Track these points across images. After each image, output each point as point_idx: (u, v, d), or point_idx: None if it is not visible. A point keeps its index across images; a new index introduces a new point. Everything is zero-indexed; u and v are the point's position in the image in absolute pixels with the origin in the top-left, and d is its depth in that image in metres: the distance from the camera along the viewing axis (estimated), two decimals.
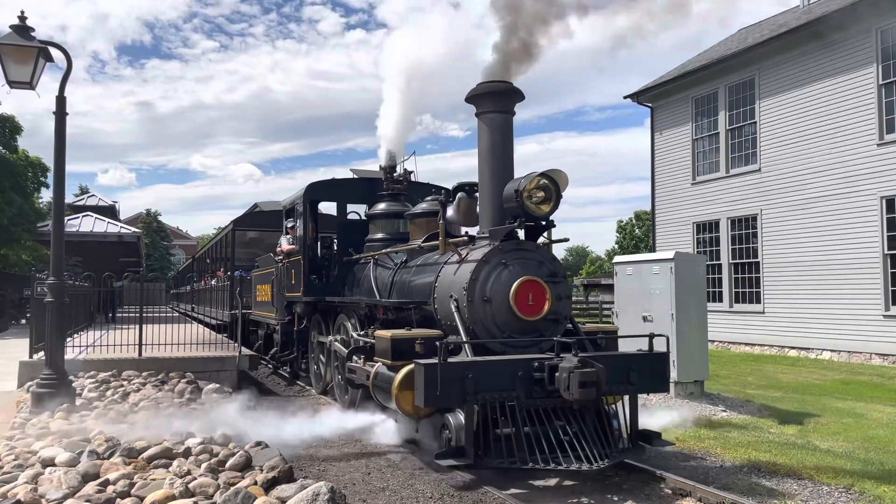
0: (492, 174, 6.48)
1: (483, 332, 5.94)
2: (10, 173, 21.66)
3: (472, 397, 5.10)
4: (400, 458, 6.36)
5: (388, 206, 9.36)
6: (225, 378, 9.64)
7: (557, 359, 5.32)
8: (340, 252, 10.05)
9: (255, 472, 4.81)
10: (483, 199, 6.59)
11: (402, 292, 7.56)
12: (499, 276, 5.98)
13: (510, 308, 5.87)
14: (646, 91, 20.09)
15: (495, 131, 6.52)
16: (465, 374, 5.10)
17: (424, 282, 6.99)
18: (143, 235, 31.11)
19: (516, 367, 5.34)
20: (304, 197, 10.03)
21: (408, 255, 7.94)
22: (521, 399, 5.29)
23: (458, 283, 6.13)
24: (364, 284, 8.80)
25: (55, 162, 7.28)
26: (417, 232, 8.12)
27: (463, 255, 6.33)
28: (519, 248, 6.18)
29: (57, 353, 7.26)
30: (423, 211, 8.16)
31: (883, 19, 13.95)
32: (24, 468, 4.87)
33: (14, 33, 6.95)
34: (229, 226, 17.24)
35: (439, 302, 6.49)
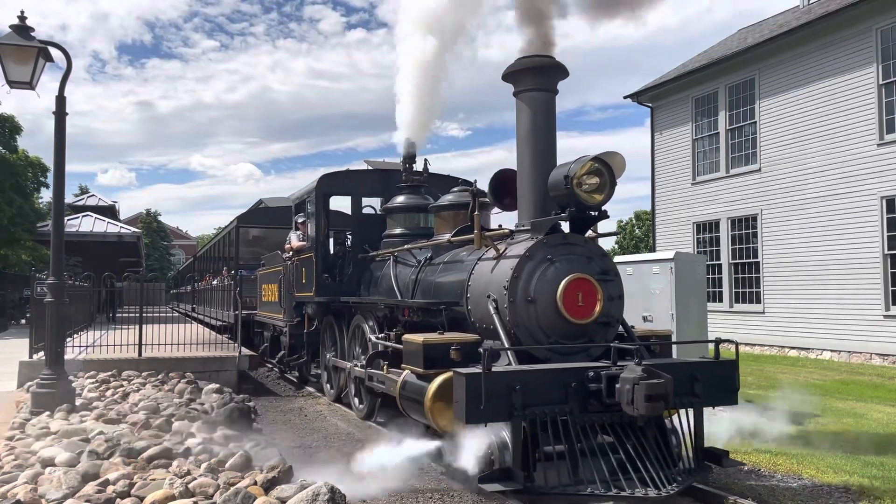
0: (533, 160, 5.76)
1: (526, 336, 5.26)
2: (9, 173, 21.67)
3: (520, 412, 4.41)
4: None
5: (407, 198, 8.72)
6: (225, 378, 9.64)
7: (616, 368, 4.68)
8: (355, 249, 9.41)
9: (255, 472, 4.80)
10: (523, 187, 5.88)
11: (427, 292, 7.00)
12: (544, 274, 5.29)
13: (557, 309, 5.19)
14: (646, 91, 20.09)
15: (537, 112, 5.78)
16: (512, 385, 4.40)
17: (455, 280, 6.40)
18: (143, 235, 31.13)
19: (569, 377, 4.66)
20: (316, 189, 9.33)
21: (433, 252, 7.37)
22: (576, 414, 4.61)
23: (497, 281, 5.50)
24: (383, 284, 8.23)
25: (55, 162, 7.28)
26: (444, 226, 7.47)
27: (501, 251, 5.69)
28: (566, 241, 5.48)
29: (57, 353, 7.26)
30: (451, 203, 7.46)
31: (883, 19, 13.95)
32: (24, 468, 4.87)
33: (14, 33, 6.95)
34: (233, 222, 16.63)
35: (473, 302, 5.90)
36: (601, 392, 4.63)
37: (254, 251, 16.53)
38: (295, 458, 5.55)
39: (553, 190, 5.44)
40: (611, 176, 5.38)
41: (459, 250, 6.83)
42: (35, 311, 10.03)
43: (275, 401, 10.00)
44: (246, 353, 10.37)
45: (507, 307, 5.29)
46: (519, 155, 5.91)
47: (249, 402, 8.37)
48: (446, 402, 4.84)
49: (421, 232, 8.41)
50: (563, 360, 5.10)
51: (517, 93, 5.91)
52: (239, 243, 16.17)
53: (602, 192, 5.37)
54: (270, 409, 9.15)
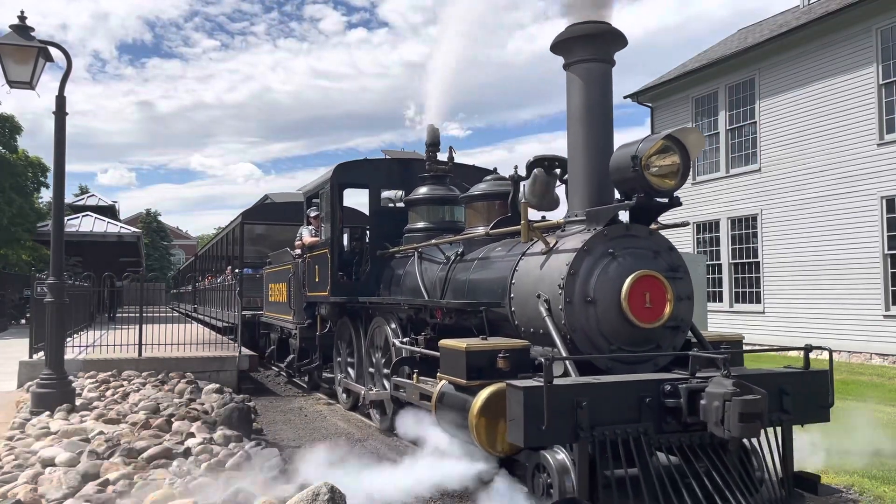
0: (587, 140, 5.05)
1: (584, 342, 4.61)
2: (9, 173, 21.69)
3: (588, 433, 3.75)
4: (400, 459, 6.36)
5: (431, 189, 8.08)
6: (225, 378, 9.64)
7: (697, 380, 4.02)
8: (373, 245, 8.72)
9: (254, 472, 4.81)
10: (575, 172, 5.16)
11: (460, 291, 6.35)
12: (605, 271, 4.62)
13: (621, 312, 4.54)
14: (646, 91, 20.09)
15: (592, 85, 5.06)
16: (578, 401, 3.77)
17: (494, 278, 5.74)
18: (143, 235, 31.12)
19: (643, 391, 4.00)
20: (331, 180, 8.64)
21: (465, 247, 6.70)
22: (651, 434, 3.93)
23: (549, 278, 4.82)
24: (406, 282, 7.58)
25: (55, 162, 7.28)
26: (477, 218, 6.84)
27: (551, 245, 5.01)
28: (628, 233, 4.81)
29: (57, 353, 7.26)
30: (485, 193, 6.83)
31: (883, 19, 13.95)
32: (24, 468, 4.86)
33: (14, 33, 6.95)
34: (237, 219, 15.83)
35: (518, 303, 5.24)
36: (680, 409, 3.96)
37: (258, 249, 15.98)
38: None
39: (616, 173, 4.71)
40: (685, 157, 4.68)
41: (495, 245, 6.23)
42: (35, 311, 10.03)
43: (275, 401, 10.00)
44: (246, 353, 10.36)
45: (562, 309, 4.62)
46: (570, 135, 5.19)
47: (249, 401, 8.37)
48: (495, 418, 4.27)
49: (447, 226, 7.85)
50: (626, 371, 4.49)
51: (568, 64, 5.20)
52: (244, 241, 15.49)
53: (674, 176, 4.67)
54: (270, 409, 9.15)
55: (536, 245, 5.24)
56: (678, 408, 3.98)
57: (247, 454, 5.18)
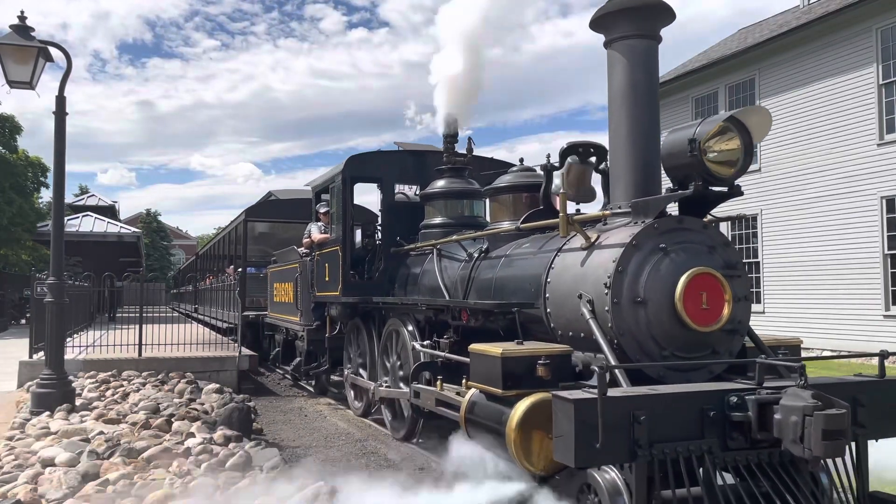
0: (631, 125, 4.63)
1: (633, 347, 4.17)
2: (9, 173, 21.70)
3: (646, 451, 3.32)
4: (400, 459, 6.36)
5: (450, 182, 7.64)
6: (225, 378, 9.64)
7: (767, 391, 3.57)
8: (387, 242, 8.22)
9: (255, 472, 4.81)
10: (618, 160, 4.71)
11: (485, 290, 5.90)
12: (657, 268, 4.19)
13: (675, 313, 4.10)
14: None
15: (636, 64, 4.65)
16: (635, 415, 3.33)
17: (526, 276, 5.27)
18: (143, 235, 31.12)
19: (706, 403, 3.55)
20: (342, 173, 8.21)
21: (489, 243, 6.26)
22: (716, 452, 3.47)
23: (593, 277, 4.38)
24: (424, 281, 7.14)
25: (55, 162, 7.28)
26: (503, 212, 6.39)
27: (592, 239, 4.54)
28: (681, 227, 4.37)
29: (57, 353, 7.26)
30: (512, 185, 6.35)
31: (883, 19, 13.95)
32: (24, 468, 4.87)
33: (14, 33, 6.95)
34: (241, 216, 15.15)
35: (555, 304, 4.77)
36: (749, 423, 3.52)
37: (261, 249, 15.57)
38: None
39: (669, 159, 4.31)
40: (747, 141, 4.24)
41: (523, 241, 5.78)
42: (35, 311, 10.03)
43: (275, 401, 10.00)
44: (246, 354, 10.35)
45: (608, 310, 4.17)
46: (612, 119, 4.76)
47: (249, 402, 8.37)
48: (536, 433, 3.89)
49: (466, 221, 7.44)
50: (678, 380, 4.07)
51: (609, 42, 4.77)
52: (247, 239, 14.91)
53: (735, 163, 4.26)
54: (270, 409, 9.15)
55: (574, 240, 4.77)
56: (746, 422, 3.52)
57: (247, 454, 5.18)
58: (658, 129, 4.73)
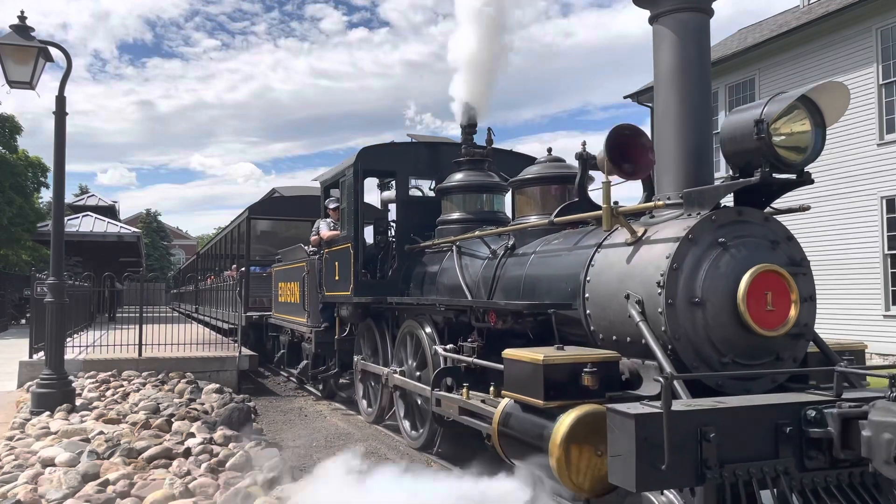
0: (682, 108, 4.25)
1: (689, 352, 3.77)
2: (10, 173, 21.71)
3: (717, 472, 2.95)
4: (400, 459, 6.36)
5: (469, 175, 7.25)
6: (225, 378, 9.65)
7: (849, 404, 3.17)
8: (400, 239, 7.78)
9: (255, 472, 4.81)
10: (666, 146, 4.32)
11: (513, 290, 5.47)
12: (716, 265, 3.80)
13: (737, 315, 3.71)
14: (646, 91, 20.09)
15: (687, 40, 4.24)
16: (704, 431, 2.96)
17: (561, 274, 4.85)
18: (143, 235, 31.11)
19: (781, 417, 3.16)
20: (354, 166, 7.74)
21: (516, 239, 5.79)
22: (792, 472, 3.10)
23: (643, 275, 3.99)
24: (443, 280, 6.70)
25: (55, 162, 7.29)
26: (530, 206, 6.00)
27: (639, 234, 4.17)
28: (741, 219, 3.97)
29: (57, 353, 7.26)
30: (541, 176, 5.94)
31: (883, 19, 13.96)
32: (24, 468, 4.87)
33: (14, 33, 6.96)
34: (244, 213, 14.75)
35: (595, 304, 4.39)
36: (830, 440, 3.13)
37: (263, 248, 15.25)
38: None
39: (730, 143, 3.89)
40: (819, 122, 3.88)
41: (553, 237, 5.38)
42: (35, 311, 10.03)
43: (275, 401, 10.00)
44: (246, 353, 10.35)
45: (661, 312, 3.79)
46: (659, 102, 4.40)
47: (249, 402, 8.37)
48: (583, 449, 3.48)
49: (487, 217, 7.06)
50: (739, 391, 3.71)
51: (656, 16, 4.39)
52: (250, 237, 14.52)
53: (804, 148, 3.86)
54: (270, 409, 9.15)
55: (616, 235, 4.40)
56: (826, 439, 3.11)
57: (247, 454, 5.18)
58: (710, 112, 4.36)
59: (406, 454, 6.54)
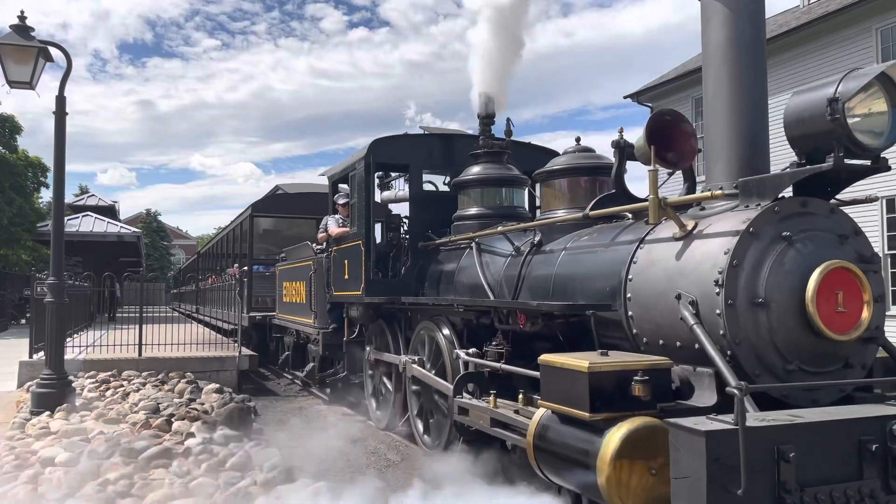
0: (735, 88, 3.90)
1: (751, 359, 3.42)
2: (10, 173, 21.72)
3: (797, 497, 2.65)
4: (400, 459, 6.36)
5: (487, 169, 6.87)
6: (225, 378, 9.64)
7: None
8: (414, 235, 7.38)
9: (254, 472, 4.81)
10: (717, 131, 3.98)
11: (541, 289, 5.06)
12: (780, 262, 3.44)
13: (805, 317, 3.37)
14: (646, 91, 20.10)
15: (740, 13, 3.89)
16: (781, 450, 2.64)
17: (598, 272, 4.48)
18: (143, 235, 31.10)
19: (865, 433, 2.84)
20: (365, 159, 7.33)
21: (542, 235, 5.39)
22: (879, 496, 2.81)
23: (697, 272, 3.63)
24: (461, 279, 6.32)
25: (55, 162, 7.29)
26: (557, 199, 5.62)
27: (689, 227, 3.79)
28: (805, 211, 3.61)
29: (57, 353, 7.26)
30: (570, 167, 5.54)
31: (883, 19, 13.97)
32: (24, 468, 4.87)
33: (14, 33, 6.96)
34: (247, 211, 14.29)
35: (639, 305, 4.03)
36: None
37: (265, 247, 14.89)
38: None
39: (797, 126, 3.58)
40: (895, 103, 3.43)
41: (585, 232, 5.00)
42: (35, 311, 10.03)
43: (275, 401, 10.00)
44: (246, 353, 10.35)
45: (720, 313, 3.43)
46: (708, 84, 4.04)
47: (249, 401, 8.36)
48: (637, 467, 3.12)
49: (506, 212, 6.70)
50: (807, 402, 3.38)
51: None
52: (253, 235, 14.10)
53: (880, 131, 3.46)
54: (270, 409, 9.14)
55: (661, 229, 4.05)
56: None
57: (247, 454, 5.18)
58: (765, 94, 4.01)
59: (407, 455, 6.53)
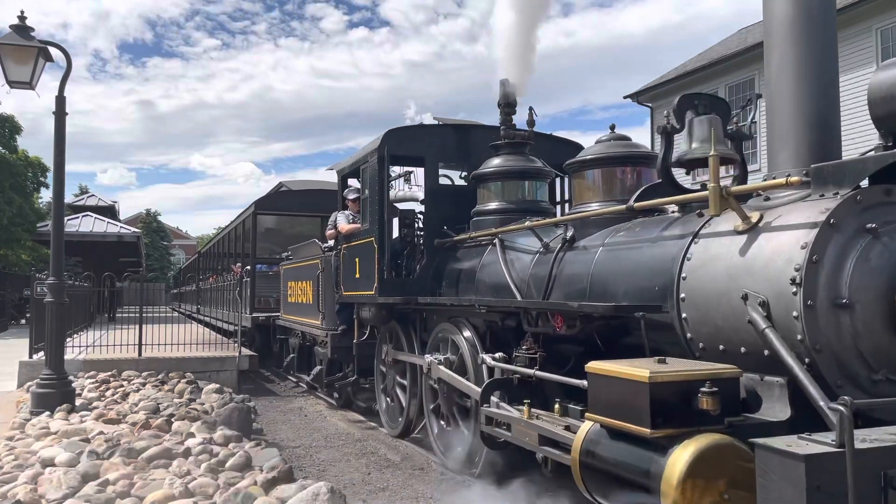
0: (803, 65, 3.54)
1: (832, 367, 3.04)
2: (10, 173, 21.73)
3: None
4: (400, 459, 6.36)
5: (508, 160, 6.49)
6: (225, 378, 9.64)
7: None
8: (430, 232, 7.02)
9: (255, 472, 4.81)
10: (783, 113, 3.60)
11: (575, 289, 4.61)
12: (865, 258, 3.09)
13: (895, 322, 3.04)
14: (645, 91, 20.10)
15: None
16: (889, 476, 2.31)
17: (644, 270, 4.06)
18: (143, 235, 31.10)
19: None
20: (378, 151, 6.96)
21: (575, 230, 4.93)
22: None
23: (766, 270, 3.25)
24: (484, 278, 5.87)
25: (55, 162, 7.29)
26: (590, 192, 5.20)
27: (755, 220, 3.41)
28: (890, 200, 3.23)
29: (57, 353, 7.26)
30: (605, 156, 5.12)
31: (883, 19, 13.97)
32: (24, 468, 4.86)
33: (14, 33, 6.95)
34: (250, 208, 13.83)
35: (696, 306, 3.60)
36: None
37: (267, 246, 14.51)
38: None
39: (884, 104, 3.24)
40: None
41: (621, 226, 4.61)
42: (35, 311, 10.03)
43: (275, 401, 10.00)
44: (246, 353, 10.35)
45: (797, 316, 3.06)
46: (772, 61, 3.67)
47: (249, 402, 8.37)
48: (709, 492, 2.75)
49: (529, 206, 6.32)
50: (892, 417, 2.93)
51: None
52: (256, 233, 13.68)
53: None
54: (270, 409, 9.15)
55: (717, 222, 3.65)
56: None
57: (247, 454, 5.18)
58: (837, 73, 3.65)
59: (408, 455, 6.53)
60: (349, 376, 8.30)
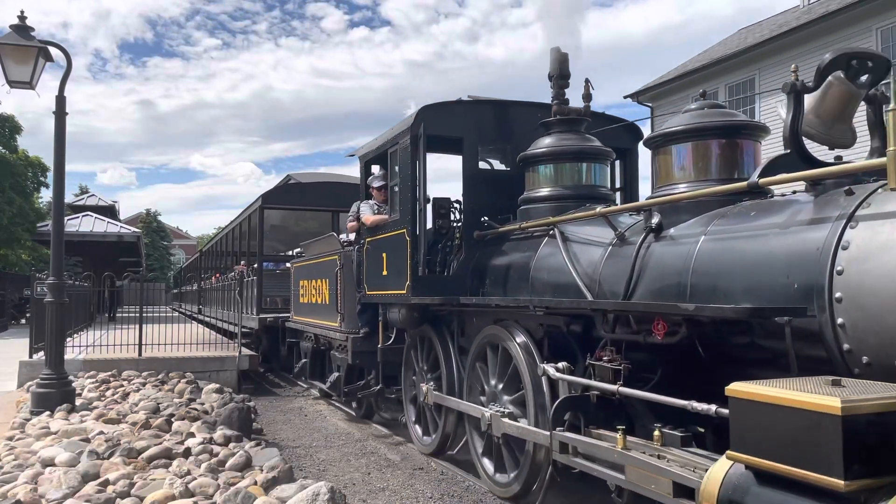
0: None
1: None
2: (9, 173, 21.74)
3: None
4: (400, 459, 6.36)
5: (562, 140, 5.62)
6: (225, 378, 9.65)
7: None
8: (469, 222, 6.15)
9: (255, 472, 4.81)
10: None
11: (668, 287, 3.84)
12: None
13: None
14: (646, 91, 20.10)
15: None
16: None
17: (773, 263, 3.24)
18: (143, 235, 31.10)
19: None
20: (412, 129, 6.11)
21: (660, 217, 4.10)
22: None
23: None
24: (541, 275, 5.02)
25: (55, 162, 7.29)
26: (681, 170, 4.33)
27: None
28: None
29: (57, 353, 7.26)
30: (698, 127, 4.26)
31: (883, 19, 13.96)
32: (24, 468, 4.86)
33: (14, 33, 6.95)
34: (257, 202, 12.85)
35: (859, 308, 2.81)
36: None
37: (271, 244, 13.90)
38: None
39: None
40: None
41: (724, 210, 3.82)
42: (35, 311, 10.03)
43: (275, 401, 10.00)
44: (246, 353, 10.34)
45: None
46: None
47: (249, 401, 8.37)
48: None
49: (587, 192, 5.51)
50: None
51: None
52: (263, 229, 12.91)
53: None
54: (270, 409, 9.15)
55: (879, 201, 2.92)
56: None
57: (247, 454, 5.18)
58: None
59: (407, 455, 6.52)
60: (371, 385, 7.48)
